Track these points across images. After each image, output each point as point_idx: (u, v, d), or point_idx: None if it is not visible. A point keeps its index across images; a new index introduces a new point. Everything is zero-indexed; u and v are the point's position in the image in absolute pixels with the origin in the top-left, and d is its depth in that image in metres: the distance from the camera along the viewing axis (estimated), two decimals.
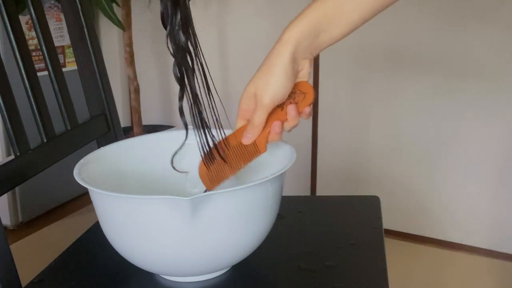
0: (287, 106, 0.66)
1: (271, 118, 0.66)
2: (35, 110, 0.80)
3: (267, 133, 0.67)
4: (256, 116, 0.65)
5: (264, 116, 0.65)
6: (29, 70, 0.79)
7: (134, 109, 2.14)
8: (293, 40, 0.63)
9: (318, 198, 1.31)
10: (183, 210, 0.58)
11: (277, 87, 0.63)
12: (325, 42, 0.65)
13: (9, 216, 2.04)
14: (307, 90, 0.66)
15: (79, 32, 0.93)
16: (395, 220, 1.95)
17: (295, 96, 0.66)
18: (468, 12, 1.72)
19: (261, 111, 0.65)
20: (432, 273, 1.75)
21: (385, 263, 0.72)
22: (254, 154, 0.68)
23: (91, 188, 0.62)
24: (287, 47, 0.63)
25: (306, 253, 0.76)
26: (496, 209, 1.81)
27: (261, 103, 0.64)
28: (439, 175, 1.87)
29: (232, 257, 0.66)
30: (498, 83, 1.73)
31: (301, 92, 0.67)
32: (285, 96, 0.65)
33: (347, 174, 2.04)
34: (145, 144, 0.80)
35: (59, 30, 2.13)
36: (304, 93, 0.67)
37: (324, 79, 1.98)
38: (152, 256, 0.64)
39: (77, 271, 0.75)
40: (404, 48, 1.84)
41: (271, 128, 0.66)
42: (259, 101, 0.64)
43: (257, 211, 0.64)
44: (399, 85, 1.88)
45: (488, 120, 1.76)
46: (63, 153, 0.85)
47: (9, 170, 0.72)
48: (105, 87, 0.96)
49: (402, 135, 1.91)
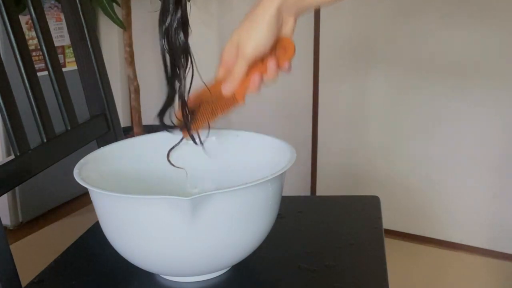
0: (269, 60, 0.66)
1: (251, 71, 0.66)
2: (35, 110, 0.80)
3: (246, 85, 0.67)
4: (237, 67, 0.66)
5: (244, 67, 0.65)
6: (29, 70, 0.79)
7: (134, 109, 2.14)
8: None
9: (318, 198, 1.31)
10: (183, 210, 0.58)
11: (259, 38, 0.64)
12: (311, 3, 0.65)
13: (9, 216, 2.04)
14: (287, 45, 0.67)
15: (79, 32, 0.93)
16: (395, 220, 1.95)
17: (276, 51, 0.67)
18: (467, 11, 1.72)
19: (242, 62, 0.65)
20: (432, 273, 1.75)
21: (385, 263, 0.72)
22: (231, 104, 0.69)
23: (91, 188, 0.62)
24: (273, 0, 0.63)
25: (306, 253, 0.76)
26: (496, 209, 1.81)
27: (242, 53, 0.65)
28: (439, 175, 1.87)
29: (232, 257, 0.66)
30: (498, 83, 1.72)
31: (282, 47, 0.67)
32: (266, 48, 0.65)
33: (347, 174, 2.04)
34: (145, 144, 0.80)
35: (59, 30, 2.13)
36: (285, 49, 0.67)
37: (324, 79, 1.98)
38: (152, 256, 0.64)
39: (77, 271, 0.75)
40: (404, 48, 1.84)
41: (251, 80, 0.67)
42: (241, 51, 0.65)
43: (257, 211, 0.64)
44: (399, 85, 1.88)
45: (488, 120, 1.76)
46: (63, 153, 0.84)
47: (9, 170, 0.72)
48: (105, 87, 0.96)
49: (402, 135, 1.91)
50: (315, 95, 2.01)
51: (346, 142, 2.01)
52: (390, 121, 1.92)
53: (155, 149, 0.78)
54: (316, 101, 2.02)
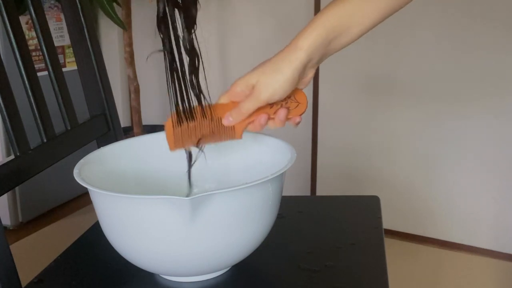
0: (279, 109, 0.67)
1: (258, 111, 0.66)
2: (35, 110, 0.80)
3: (248, 122, 0.67)
4: (246, 105, 0.65)
5: (254, 108, 0.65)
6: (29, 70, 0.79)
7: (134, 109, 2.14)
8: (307, 49, 0.63)
9: (318, 198, 1.31)
10: (183, 210, 0.58)
11: (278, 89, 0.64)
12: (334, 49, 0.66)
13: (9, 216, 2.04)
14: (301, 101, 0.67)
15: (79, 32, 0.93)
16: (395, 220, 1.95)
17: (289, 101, 0.67)
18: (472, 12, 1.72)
19: (254, 103, 0.65)
20: (432, 273, 1.75)
21: (385, 263, 0.72)
22: (228, 137, 0.68)
23: (91, 188, 0.62)
24: (301, 54, 0.63)
25: (306, 253, 0.76)
26: (496, 208, 1.81)
27: (257, 96, 0.64)
28: (439, 175, 1.87)
29: (232, 257, 0.66)
30: (499, 84, 1.72)
31: (295, 100, 0.67)
32: (281, 98, 0.65)
33: (347, 174, 2.04)
34: (145, 144, 0.80)
35: (59, 30, 2.13)
36: (298, 103, 0.67)
37: (324, 79, 1.98)
38: (152, 256, 0.64)
39: (77, 271, 0.75)
40: (405, 48, 1.84)
41: (257, 119, 0.67)
42: (256, 94, 0.64)
43: (257, 211, 0.64)
44: (399, 85, 1.88)
45: (488, 120, 1.76)
46: (63, 153, 0.84)
47: (9, 170, 0.72)
48: (105, 87, 0.96)
49: (402, 135, 1.91)
50: (315, 95, 2.01)
51: (346, 142, 2.01)
52: (390, 121, 1.92)
53: (155, 149, 0.78)
54: (316, 101, 2.02)
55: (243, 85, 0.66)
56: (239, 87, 0.66)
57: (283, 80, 0.63)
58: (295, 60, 0.63)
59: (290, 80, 0.63)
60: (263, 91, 0.64)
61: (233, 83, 0.67)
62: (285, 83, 0.64)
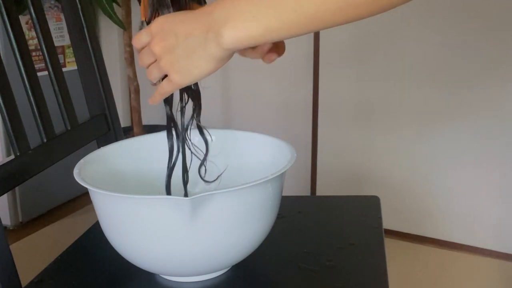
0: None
1: None
2: (35, 110, 0.80)
3: None
4: (166, 88, 0.60)
5: (172, 91, 0.61)
6: (29, 70, 0.79)
7: (134, 109, 2.14)
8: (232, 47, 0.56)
9: (318, 198, 1.31)
10: (183, 210, 0.58)
11: (198, 77, 0.58)
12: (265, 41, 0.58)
13: (9, 216, 2.04)
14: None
15: (79, 32, 0.93)
16: (395, 220, 1.95)
17: None
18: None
19: (173, 88, 0.60)
20: (432, 273, 1.75)
21: (385, 263, 0.72)
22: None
23: (91, 188, 0.62)
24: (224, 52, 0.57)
25: (306, 253, 0.76)
26: (496, 208, 1.81)
27: (176, 82, 0.58)
28: (439, 175, 1.87)
29: (232, 257, 0.66)
30: (499, 85, 1.72)
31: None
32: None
33: (347, 174, 2.04)
34: (145, 144, 0.80)
35: (59, 30, 2.13)
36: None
37: (324, 79, 1.98)
38: (152, 256, 0.64)
39: (77, 271, 0.75)
40: (405, 47, 1.84)
41: None
42: (173, 79, 0.58)
43: (257, 211, 0.64)
44: (399, 85, 1.88)
45: (488, 120, 1.76)
46: (63, 153, 0.85)
47: (9, 170, 0.72)
48: (105, 87, 0.96)
49: (402, 135, 1.91)
50: (315, 95, 2.01)
51: (346, 142, 2.01)
52: (390, 121, 1.92)
53: (155, 149, 0.78)
54: (316, 101, 2.02)
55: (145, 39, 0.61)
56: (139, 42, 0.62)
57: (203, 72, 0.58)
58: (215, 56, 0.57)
59: (211, 71, 0.58)
60: (182, 80, 0.58)
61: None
62: (205, 74, 0.58)
